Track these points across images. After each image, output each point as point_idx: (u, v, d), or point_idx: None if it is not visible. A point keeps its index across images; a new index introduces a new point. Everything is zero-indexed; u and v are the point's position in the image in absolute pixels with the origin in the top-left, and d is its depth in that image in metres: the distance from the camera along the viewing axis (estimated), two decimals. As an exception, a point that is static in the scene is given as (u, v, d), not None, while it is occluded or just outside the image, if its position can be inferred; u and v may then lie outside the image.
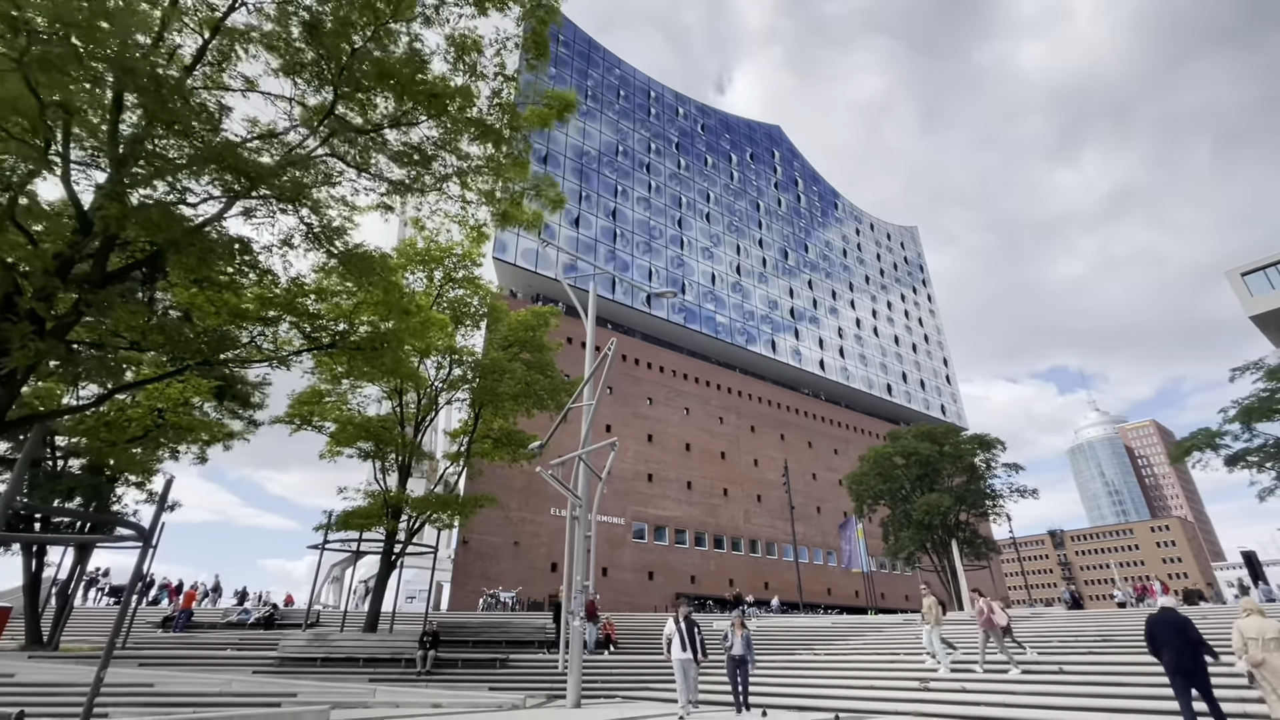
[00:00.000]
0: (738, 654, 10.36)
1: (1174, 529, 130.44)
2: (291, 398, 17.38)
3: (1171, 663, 6.96)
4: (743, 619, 11.33)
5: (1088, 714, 8.85)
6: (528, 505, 42.02)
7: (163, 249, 7.10)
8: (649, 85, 70.59)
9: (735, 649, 10.41)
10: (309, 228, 7.86)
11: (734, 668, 10.31)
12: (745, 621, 11.18)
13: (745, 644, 10.53)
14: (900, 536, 34.21)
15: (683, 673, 9.71)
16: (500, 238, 49.23)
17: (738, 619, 11.13)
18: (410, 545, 18.30)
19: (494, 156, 9.09)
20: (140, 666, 14.49)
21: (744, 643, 10.49)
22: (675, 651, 9.85)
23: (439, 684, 14.23)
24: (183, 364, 8.30)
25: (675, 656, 9.82)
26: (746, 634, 10.71)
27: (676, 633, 9.95)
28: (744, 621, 11.04)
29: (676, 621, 10.14)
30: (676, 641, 9.90)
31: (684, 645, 9.79)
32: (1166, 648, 7.04)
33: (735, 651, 10.38)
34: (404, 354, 11.32)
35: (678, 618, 10.22)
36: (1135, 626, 16.36)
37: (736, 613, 9.99)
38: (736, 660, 10.33)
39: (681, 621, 10.08)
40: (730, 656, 10.41)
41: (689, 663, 9.77)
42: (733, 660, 10.37)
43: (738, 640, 10.43)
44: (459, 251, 18.54)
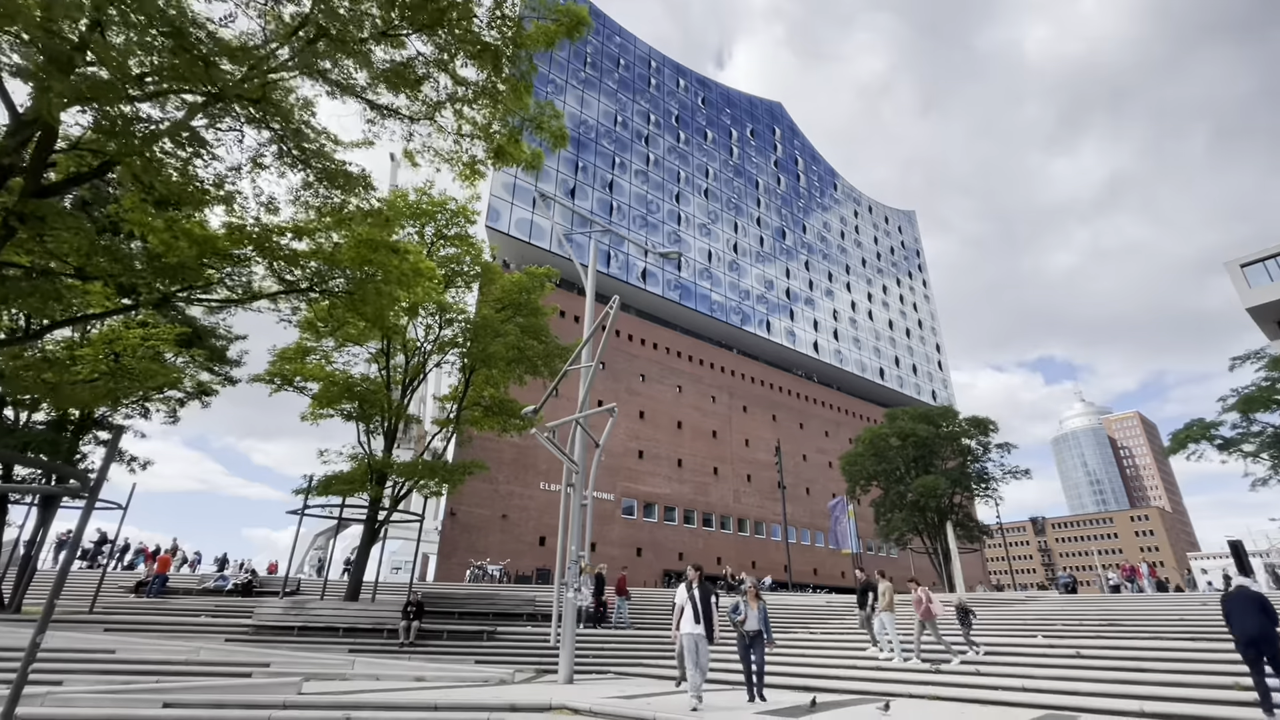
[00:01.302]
0: (752, 629, 8.86)
1: (1153, 519, 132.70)
2: (273, 352, 16.43)
3: (1244, 636, 7.12)
4: (757, 588, 9.69)
5: (1110, 699, 8.34)
6: (517, 479, 41.45)
7: (113, 160, 6.16)
8: (650, 55, 68.66)
9: (749, 623, 8.87)
10: (281, 141, 6.89)
11: (746, 646, 8.86)
12: (761, 592, 9.67)
13: (762, 618, 9.03)
14: (893, 518, 34.00)
15: (693, 650, 8.09)
16: (494, 206, 47.94)
17: (752, 588, 9.51)
18: (395, 513, 17.56)
19: (491, 82, 8.14)
20: (106, 632, 13.74)
21: (760, 616, 9.00)
22: (685, 625, 8.29)
23: (422, 656, 13.60)
24: (136, 299, 7.41)
25: (684, 631, 8.28)
26: (763, 606, 9.26)
27: (689, 603, 8.35)
28: (759, 592, 9.49)
29: (689, 589, 8.50)
30: (688, 612, 8.31)
31: (697, 618, 8.21)
32: (1240, 621, 7.19)
33: (749, 626, 8.86)
34: (389, 302, 10.41)
35: (690, 585, 8.59)
36: (1140, 611, 16.05)
37: (750, 581, 8.64)
38: (751, 637, 8.85)
39: (695, 589, 8.45)
40: (742, 633, 8.89)
41: (701, 639, 8.14)
42: (745, 637, 8.86)
43: (752, 614, 8.92)
44: (451, 207, 17.56)
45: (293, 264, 9.17)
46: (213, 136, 6.66)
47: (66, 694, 7.51)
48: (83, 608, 17.28)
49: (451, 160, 9.39)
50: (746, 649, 8.87)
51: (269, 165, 7.36)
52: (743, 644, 8.90)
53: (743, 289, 64.51)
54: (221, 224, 8.15)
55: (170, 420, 17.90)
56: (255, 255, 9.05)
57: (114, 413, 16.31)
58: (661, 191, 61.84)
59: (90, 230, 6.65)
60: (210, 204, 7.38)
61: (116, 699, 7.40)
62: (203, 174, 6.87)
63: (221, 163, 7.02)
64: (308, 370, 16.59)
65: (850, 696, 9.56)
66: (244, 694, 7.86)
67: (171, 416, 18.12)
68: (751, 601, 9.07)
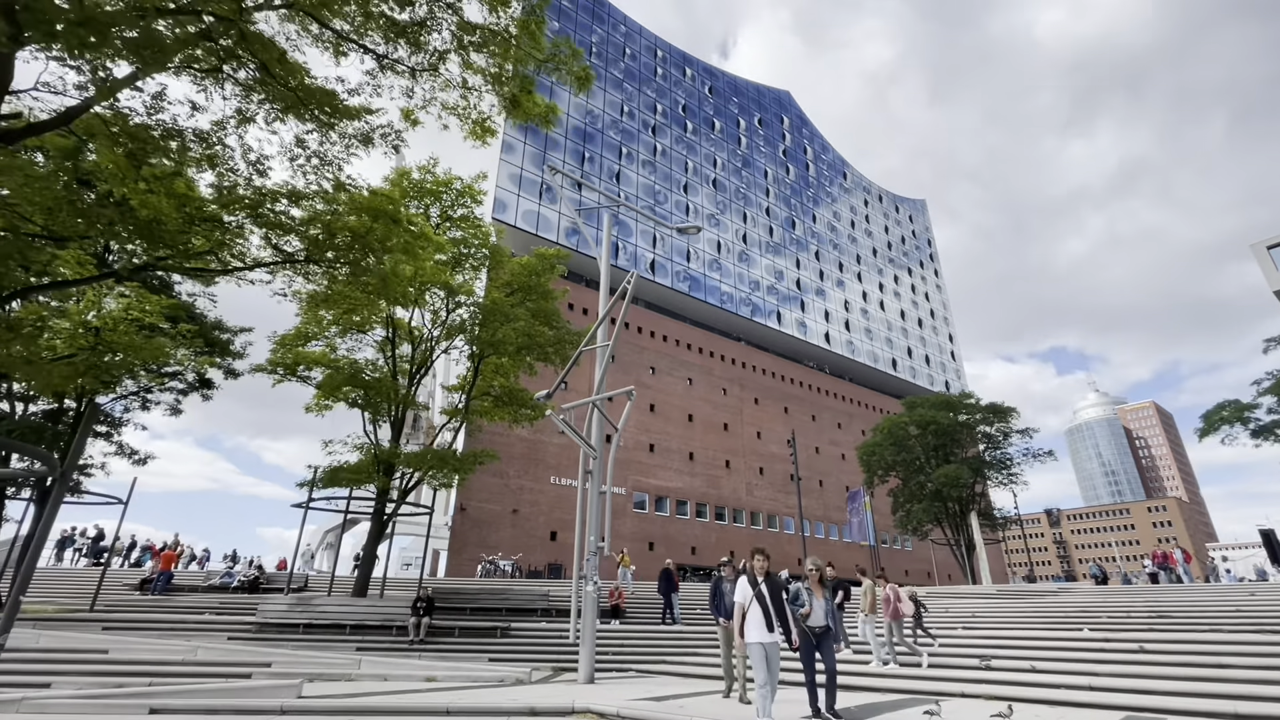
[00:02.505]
0: (819, 624, 6.82)
1: (1170, 509, 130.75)
2: (272, 339, 15.76)
3: None
4: (821, 572, 7.23)
5: (1195, 699, 7.53)
6: (527, 473, 40.86)
7: (78, 108, 5.46)
8: (656, 44, 67.63)
9: (815, 617, 6.84)
10: (264, 83, 6.12)
11: (811, 646, 6.75)
12: (826, 576, 7.32)
13: (830, 609, 6.97)
14: (913, 508, 33.10)
15: (763, 663, 6.02)
16: (500, 198, 47.22)
17: (816, 571, 7.20)
18: (404, 505, 16.92)
19: (500, 22, 7.38)
20: (104, 631, 13.18)
21: (828, 608, 6.95)
22: (754, 630, 6.18)
23: (433, 654, 12.94)
24: (110, 265, 6.75)
25: (752, 639, 6.15)
26: (829, 596, 7.14)
27: (755, 601, 6.29)
28: (824, 575, 7.24)
29: (753, 582, 6.44)
30: (755, 614, 6.22)
31: (769, 621, 6.15)
32: None
33: (815, 621, 6.83)
34: (394, 279, 9.71)
35: (753, 577, 6.50)
36: (1187, 602, 15.17)
37: (811, 562, 7.34)
38: (816, 635, 6.77)
39: (762, 584, 6.38)
40: (805, 629, 6.77)
41: (775, 648, 6.13)
42: (810, 635, 6.76)
43: (818, 604, 6.91)
44: (457, 186, 16.83)
45: (289, 232, 8.47)
46: (190, 83, 5.94)
47: (45, 698, 6.87)
48: (84, 606, 16.79)
49: (460, 115, 8.64)
50: (811, 650, 6.77)
51: (255, 117, 6.64)
52: (807, 644, 6.75)
53: (752, 280, 63.54)
54: (210, 186, 7.44)
55: (171, 413, 17.34)
56: (249, 223, 8.36)
57: (106, 397, 15.69)
58: (669, 182, 60.93)
59: (46, 176, 5.94)
60: (193, 163, 6.68)
61: (99, 704, 6.75)
62: (184, 125, 6.17)
63: (203, 113, 6.31)
64: (310, 357, 15.94)
65: (893, 697, 8.80)
66: (239, 697, 7.20)
67: (173, 410, 17.56)
68: (816, 589, 7.06)
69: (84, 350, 9.48)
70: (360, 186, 8.22)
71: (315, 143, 7.23)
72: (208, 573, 23.33)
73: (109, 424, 16.69)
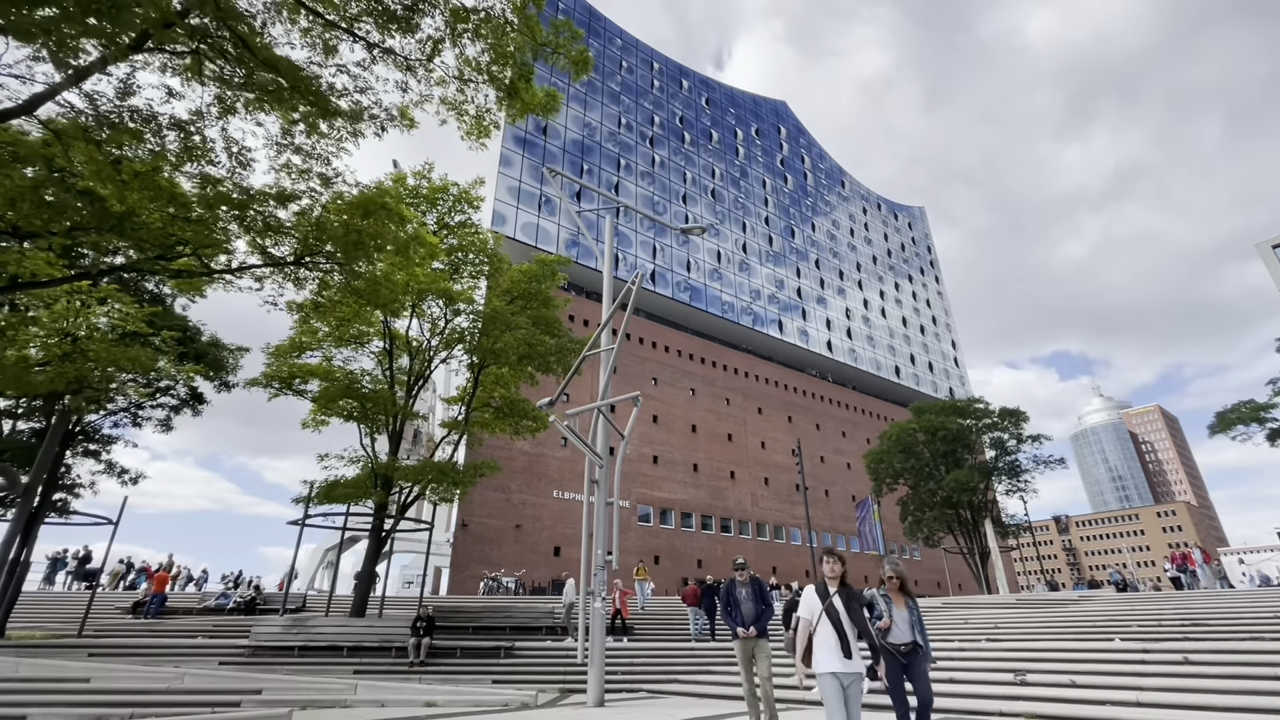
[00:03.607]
0: (904, 641, 5.41)
1: (1180, 514, 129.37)
2: (265, 351, 15.31)
3: None
4: (902, 578, 5.78)
5: (1240, 715, 7.00)
6: (529, 487, 40.22)
7: (43, 95, 5.07)
8: (652, 57, 67.96)
9: (897, 633, 5.43)
10: (243, 60, 5.72)
11: (900, 669, 5.37)
12: (908, 583, 5.84)
13: (916, 621, 5.53)
14: (923, 516, 32.43)
15: (838, 699, 4.53)
16: (499, 210, 47.05)
17: (895, 578, 5.74)
18: (403, 521, 16.38)
19: (494, 8, 7.02)
20: (90, 658, 12.60)
21: (913, 619, 5.52)
22: (825, 657, 4.65)
23: (434, 676, 12.35)
24: (88, 268, 6.33)
25: (825, 667, 4.61)
26: (913, 605, 5.63)
27: (823, 617, 4.76)
28: (905, 582, 5.79)
29: (823, 593, 4.90)
30: (825, 635, 4.70)
31: (844, 643, 4.63)
32: None
33: (897, 639, 5.42)
34: (387, 284, 9.28)
35: (823, 585, 4.99)
36: (1218, 608, 14.55)
37: (890, 565, 5.71)
38: (903, 654, 5.39)
39: (835, 594, 4.86)
40: (886, 646, 5.39)
41: (858, 680, 4.62)
42: (895, 655, 5.38)
43: (900, 616, 5.50)
44: (454, 192, 16.50)
45: (277, 234, 8.06)
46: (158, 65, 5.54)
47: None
48: (73, 631, 16.20)
49: (458, 109, 8.26)
50: (901, 674, 5.36)
51: (236, 106, 6.24)
52: (895, 667, 5.34)
53: (753, 289, 63.26)
54: (192, 181, 7.04)
55: (163, 429, 16.86)
56: (234, 225, 7.95)
57: (96, 414, 15.19)
58: (668, 193, 60.88)
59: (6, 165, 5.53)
60: (171, 155, 6.28)
61: (70, 741, 6.21)
62: (159, 110, 5.77)
63: (180, 100, 5.91)
64: (306, 369, 15.49)
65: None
66: (223, 730, 6.66)
67: (164, 426, 17.07)
68: (896, 598, 5.61)
69: (59, 359, 9.02)
70: (351, 183, 7.81)
71: (301, 133, 6.83)
72: (203, 594, 22.69)
73: (98, 441, 16.20)
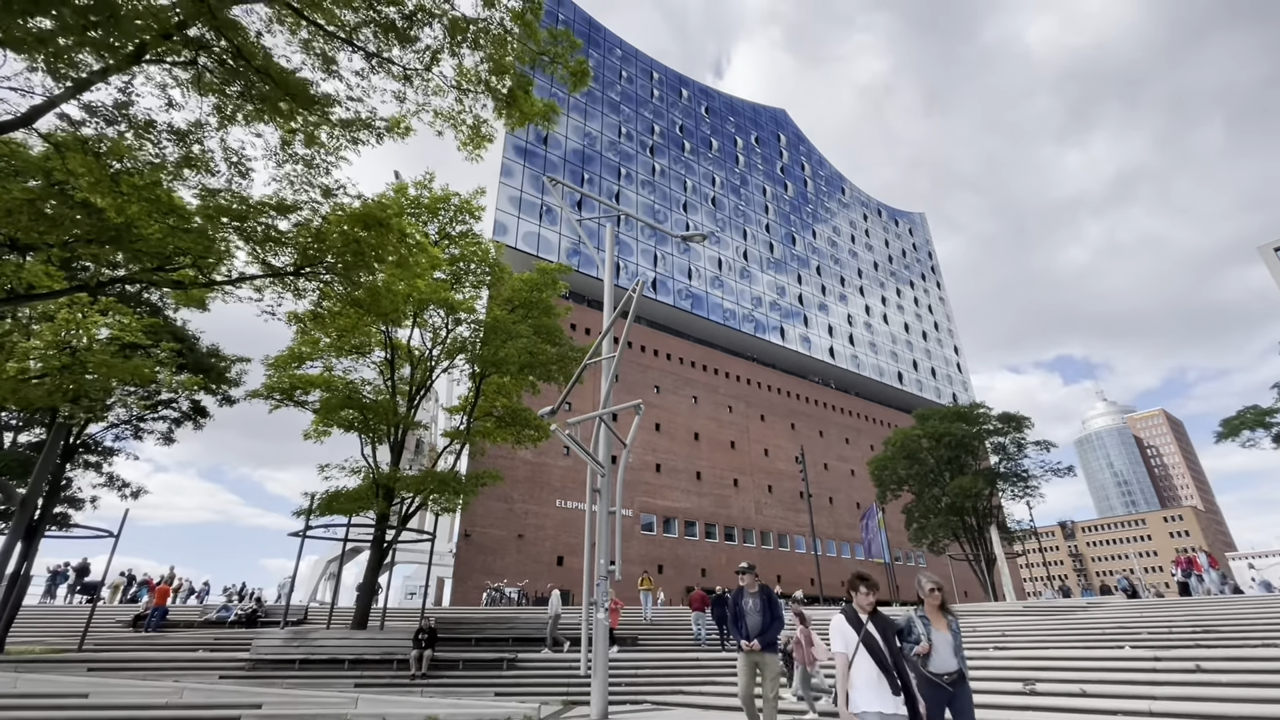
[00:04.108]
0: (946, 670, 4.65)
1: (1187, 519, 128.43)
2: (265, 362, 15.30)
3: None
4: (943, 595, 4.94)
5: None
6: (532, 496, 40.09)
7: (41, 107, 5.07)
8: (652, 66, 68.41)
9: (939, 660, 4.68)
10: (240, 72, 5.71)
11: (942, 702, 4.62)
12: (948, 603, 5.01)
13: (957, 646, 4.79)
14: (928, 523, 32.21)
15: None
16: (500, 220, 47.22)
17: (937, 595, 4.90)
18: (405, 531, 16.30)
19: (493, 18, 7.04)
20: (89, 672, 12.52)
21: (955, 645, 4.77)
22: (864, 695, 4.06)
23: (436, 689, 12.24)
24: (87, 280, 6.33)
25: (866, 707, 4.03)
26: (955, 626, 4.89)
27: (861, 648, 4.18)
28: (945, 600, 4.96)
29: (856, 622, 4.33)
30: (865, 668, 4.12)
31: (891, 679, 4.05)
32: None
33: (939, 666, 4.66)
34: (388, 294, 9.27)
35: (855, 614, 4.39)
36: (1229, 614, 14.37)
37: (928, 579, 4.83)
38: (947, 685, 4.62)
39: (870, 624, 4.27)
40: (928, 676, 4.62)
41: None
42: (938, 685, 4.61)
43: (941, 639, 4.74)
44: (455, 202, 16.54)
45: (277, 244, 8.05)
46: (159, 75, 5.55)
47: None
48: (74, 645, 16.11)
49: (454, 121, 8.27)
50: (941, 708, 4.60)
51: (235, 115, 6.25)
52: (936, 700, 4.56)
53: (755, 296, 63.30)
54: (193, 194, 7.05)
55: (164, 442, 16.83)
56: (234, 236, 7.95)
57: (97, 426, 15.18)
58: (668, 201, 61.08)
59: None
60: (170, 166, 6.29)
61: (66, 758, 6.14)
62: (158, 118, 5.78)
63: (180, 110, 5.93)
64: (307, 380, 15.47)
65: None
66: (221, 746, 6.57)
67: (165, 439, 17.05)
68: (937, 618, 4.86)
69: (58, 371, 9.02)
70: (351, 194, 7.82)
71: (300, 144, 6.84)
72: (204, 607, 22.58)
73: (99, 454, 16.18)
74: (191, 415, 16.99)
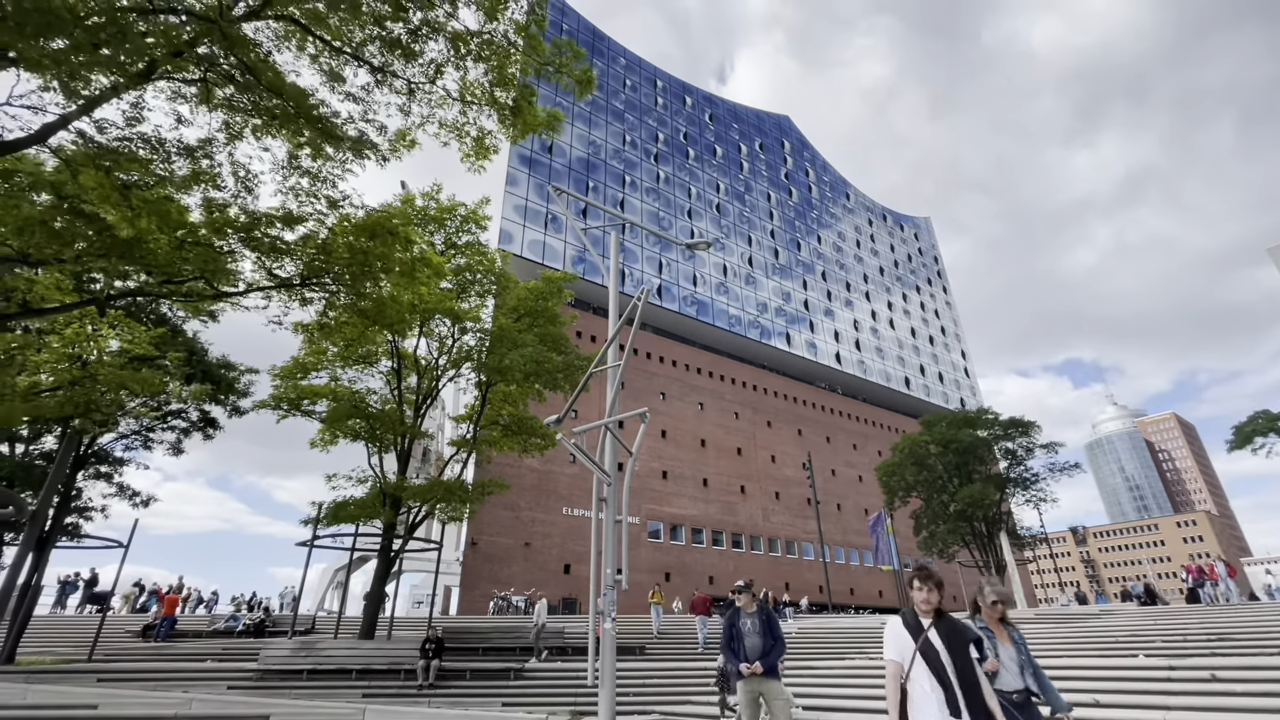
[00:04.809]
0: (1014, 689, 4.11)
1: (1201, 524, 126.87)
2: (272, 373, 15.40)
3: None
4: (1006, 606, 4.48)
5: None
6: (539, 504, 40.05)
7: (53, 125, 5.15)
8: (655, 74, 68.78)
9: (1005, 678, 4.15)
10: (250, 88, 5.79)
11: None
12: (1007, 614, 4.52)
13: (1027, 662, 4.24)
14: (937, 530, 31.97)
15: None
16: (506, 229, 47.46)
17: (995, 606, 4.42)
18: (412, 540, 16.32)
19: (497, 30, 7.11)
20: (99, 683, 12.55)
21: (1020, 661, 4.22)
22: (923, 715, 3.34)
23: (443, 699, 12.21)
24: (96, 294, 6.41)
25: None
26: (1022, 639, 4.39)
27: (918, 660, 3.44)
28: (1007, 613, 4.49)
29: (914, 627, 3.59)
30: (922, 684, 3.39)
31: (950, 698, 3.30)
32: None
33: (1005, 685, 4.12)
34: (393, 303, 9.33)
35: (914, 617, 3.65)
36: (1247, 622, 14.17)
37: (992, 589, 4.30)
38: (1014, 705, 4.04)
39: (932, 630, 3.52)
40: (1009, 702, 4.02)
41: None
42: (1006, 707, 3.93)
43: (1007, 654, 4.23)
44: (461, 212, 16.64)
45: (284, 255, 8.13)
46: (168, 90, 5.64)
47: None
48: (84, 655, 16.18)
49: (459, 133, 8.34)
50: None
51: (243, 132, 6.34)
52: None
53: (760, 302, 63.27)
54: (200, 205, 7.13)
55: (173, 452, 16.94)
56: (241, 247, 8.03)
57: (107, 437, 15.30)
58: (673, 209, 61.24)
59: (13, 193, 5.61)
60: (179, 181, 6.37)
61: (75, 770, 6.16)
62: (167, 136, 5.87)
63: (189, 126, 6.01)
64: (314, 390, 15.56)
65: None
66: (229, 758, 6.58)
67: (175, 449, 17.16)
68: (1000, 631, 4.33)
69: (69, 384, 9.12)
70: (357, 205, 7.90)
71: (307, 157, 6.92)
72: (213, 616, 22.65)
73: (110, 464, 16.31)
74: (201, 425, 17.11)
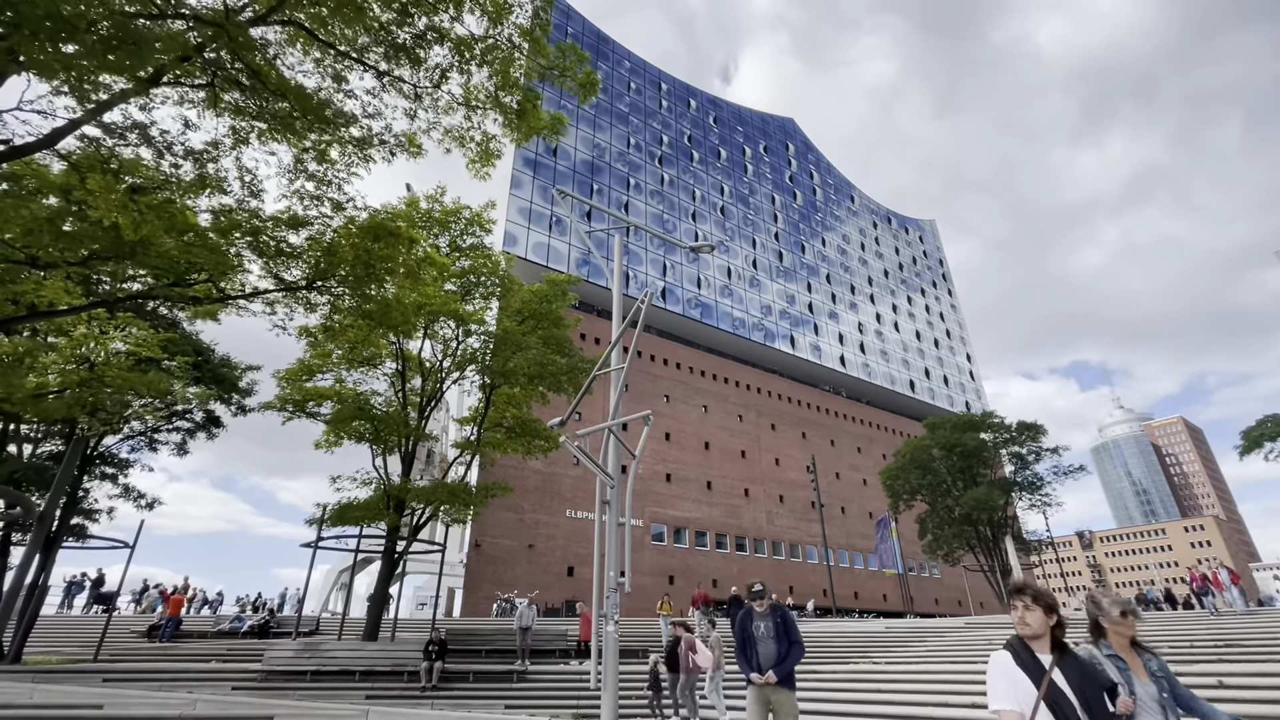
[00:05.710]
0: None
1: (1209, 528, 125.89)
2: (276, 375, 15.48)
3: None
4: (1132, 617, 3.08)
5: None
6: (542, 506, 40.08)
7: (63, 129, 5.20)
8: (660, 77, 68.91)
9: (1148, 711, 2.83)
10: (256, 91, 5.83)
11: None
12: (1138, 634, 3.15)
13: (1165, 702, 2.85)
14: (942, 534, 31.82)
15: None
16: (510, 231, 47.59)
17: (1121, 615, 3.06)
18: (415, 542, 16.35)
19: (501, 34, 7.14)
20: (104, 683, 12.61)
21: (1160, 700, 2.85)
22: None
23: (446, 702, 12.22)
24: (104, 296, 6.46)
25: None
26: (1164, 668, 3.03)
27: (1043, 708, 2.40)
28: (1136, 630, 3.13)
29: (1025, 661, 2.57)
30: None
31: None
32: None
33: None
34: (398, 305, 9.36)
35: (1024, 647, 2.63)
36: (1258, 628, 14.06)
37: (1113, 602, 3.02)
38: None
39: (1055, 670, 2.54)
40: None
41: None
42: None
43: (1146, 694, 2.87)
44: (466, 215, 16.70)
45: (290, 258, 8.17)
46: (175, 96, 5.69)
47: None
48: (89, 654, 16.27)
49: (463, 140, 8.38)
50: None
51: (249, 137, 6.39)
52: None
53: (764, 305, 63.21)
54: (207, 210, 7.19)
55: (178, 452, 17.03)
56: (248, 251, 8.09)
57: (113, 438, 15.39)
58: (677, 211, 61.29)
59: (19, 197, 5.67)
60: (186, 186, 6.42)
61: (81, 769, 6.19)
62: (174, 139, 5.91)
63: (196, 130, 6.06)
64: (319, 392, 15.63)
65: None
66: (232, 759, 6.60)
67: (180, 450, 17.25)
68: (1133, 659, 3.03)
69: (77, 385, 9.19)
70: (361, 207, 7.94)
71: (312, 160, 6.97)
72: (218, 617, 22.74)
73: (116, 465, 16.40)
74: (205, 425, 17.20)
